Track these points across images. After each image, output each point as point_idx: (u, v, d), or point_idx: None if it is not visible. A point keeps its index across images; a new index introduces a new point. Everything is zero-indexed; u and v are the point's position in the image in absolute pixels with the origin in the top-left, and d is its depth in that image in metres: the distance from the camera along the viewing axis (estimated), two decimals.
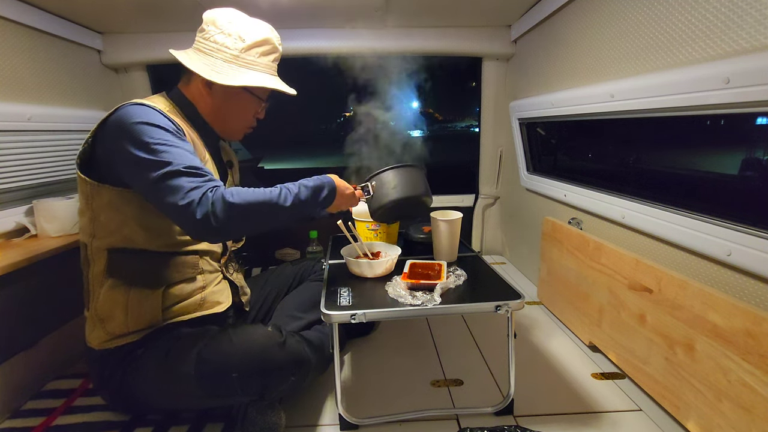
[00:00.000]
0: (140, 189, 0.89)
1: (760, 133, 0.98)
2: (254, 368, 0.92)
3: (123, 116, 0.87)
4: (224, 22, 1.01)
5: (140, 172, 0.84)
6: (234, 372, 0.91)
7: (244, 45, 1.01)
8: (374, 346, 1.49)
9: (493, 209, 2.46)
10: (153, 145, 0.84)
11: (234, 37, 1.01)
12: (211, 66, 0.99)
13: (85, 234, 0.97)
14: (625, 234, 1.31)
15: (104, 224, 0.95)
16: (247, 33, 1.02)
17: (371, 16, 1.85)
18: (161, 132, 0.87)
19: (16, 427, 1.10)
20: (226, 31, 1.01)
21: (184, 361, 0.93)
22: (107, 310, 0.96)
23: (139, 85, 2.05)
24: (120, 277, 0.96)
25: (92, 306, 0.98)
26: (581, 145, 1.87)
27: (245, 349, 0.93)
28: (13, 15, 1.42)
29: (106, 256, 0.95)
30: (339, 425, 1.08)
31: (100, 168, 0.94)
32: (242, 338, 0.96)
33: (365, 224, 1.43)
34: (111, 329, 0.97)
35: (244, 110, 1.11)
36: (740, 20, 0.85)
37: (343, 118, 2.56)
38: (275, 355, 0.94)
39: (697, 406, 0.97)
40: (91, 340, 1.00)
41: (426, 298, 1.00)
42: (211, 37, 1.01)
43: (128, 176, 0.89)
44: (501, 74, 2.18)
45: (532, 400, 1.17)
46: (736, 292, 0.94)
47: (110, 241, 0.95)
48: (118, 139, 0.86)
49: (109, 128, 0.90)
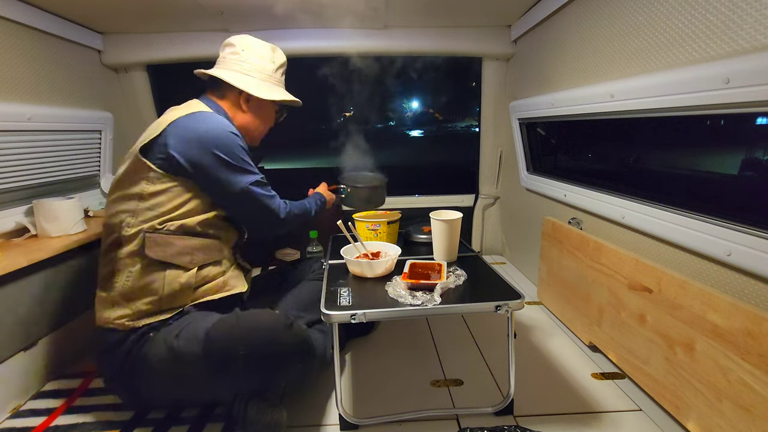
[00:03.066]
0: (223, 192, 1.08)
1: (760, 133, 0.98)
2: (260, 348, 0.96)
3: (208, 133, 1.05)
4: (257, 48, 1.21)
5: (229, 180, 1.07)
6: (240, 349, 0.94)
7: (275, 66, 1.24)
8: (374, 346, 1.49)
9: (493, 209, 2.46)
10: (241, 157, 1.09)
11: (267, 59, 1.22)
12: (255, 84, 1.19)
13: (122, 215, 1.04)
14: (625, 234, 1.31)
15: (152, 207, 1.03)
16: (275, 57, 1.24)
17: (371, 16, 1.85)
18: (241, 148, 1.10)
19: (16, 427, 1.10)
20: (260, 54, 1.21)
21: (193, 340, 0.98)
22: (138, 289, 1.02)
23: (139, 85, 2.05)
24: (157, 256, 1.02)
25: (117, 286, 1.03)
26: (581, 145, 1.87)
27: (252, 328, 0.98)
28: (13, 15, 1.42)
29: (143, 236, 1.02)
30: (339, 425, 1.08)
31: (168, 160, 1.04)
32: (250, 318, 1.02)
33: (365, 224, 1.43)
34: (139, 307, 1.02)
35: (270, 119, 1.31)
36: (740, 20, 0.85)
37: (343, 118, 2.56)
38: (281, 336, 0.98)
39: (697, 406, 0.97)
40: (109, 321, 1.03)
41: (426, 298, 1.00)
42: (247, 60, 1.19)
43: (212, 181, 1.06)
44: (501, 74, 2.17)
45: (532, 400, 1.17)
46: (736, 292, 0.94)
47: (153, 224, 1.03)
48: (206, 148, 1.04)
49: (191, 135, 1.04)
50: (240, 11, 1.72)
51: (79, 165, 1.77)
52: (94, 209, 1.74)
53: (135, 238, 1.02)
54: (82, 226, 1.51)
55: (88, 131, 1.79)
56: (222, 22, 1.84)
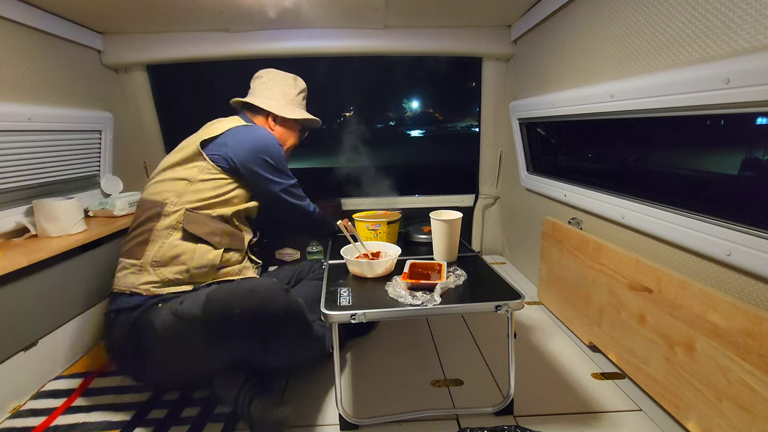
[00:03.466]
0: (266, 190, 1.30)
1: (760, 133, 0.98)
2: (256, 307, 1.02)
3: (260, 140, 1.28)
4: (280, 77, 1.46)
5: (272, 180, 1.30)
6: (237, 308, 1.01)
7: (296, 91, 1.47)
8: (374, 346, 1.49)
9: (493, 209, 2.46)
10: (282, 163, 1.32)
11: (289, 86, 1.46)
12: (279, 105, 1.41)
13: (167, 193, 1.19)
14: (625, 234, 1.31)
15: (197, 191, 1.20)
16: (296, 84, 1.48)
17: (371, 16, 1.85)
18: (282, 156, 1.32)
19: (16, 427, 1.10)
20: (283, 82, 1.45)
21: (195, 303, 1.05)
22: (169, 258, 1.14)
23: (139, 85, 2.05)
24: (190, 230, 1.16)
25: (149, 254, 1.14)
26: (581, 145, 1.87)
27: (250, 289, 1.06)
28: (13, 15, 1.42)
29: (184, 212, 1.17)
30: (339, 425, 1.08)
31: (222, 157, 1.23)
32: (248, 282, 1.14)
33: (365, 224, 1.43)
34: (166, 276, 1.13)
35: (294, 137, 1.50)
36: (740, 20, 0.85)
37: (343, 119, 2.56)
38: (277, 300, 1.05)
39: (697, 406, 0.97)
40: (134, 286, 1.12)
41: (426, 298, 1.00)
42: (273, 87, 1.43)
43: (258, 179, 1.27)
44: (501, 74, 2.17)
45: (532, 400, 1.17)
46: (736, 292, 0.94)
47: (195, 205, 1.19)
48: (257, 152, 1.26)
49: (246, 141, 1.26)
50: (240, 11, 1.72)
51: (79, 165, 1.77)
52: (94, 209, 1.74)
53: (175, 213, 1.17)
54: (82, 226, 1.51)
55: (88, 131, 1.79)
56: (222, 22, 1.84)
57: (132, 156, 2.17)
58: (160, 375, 1.14)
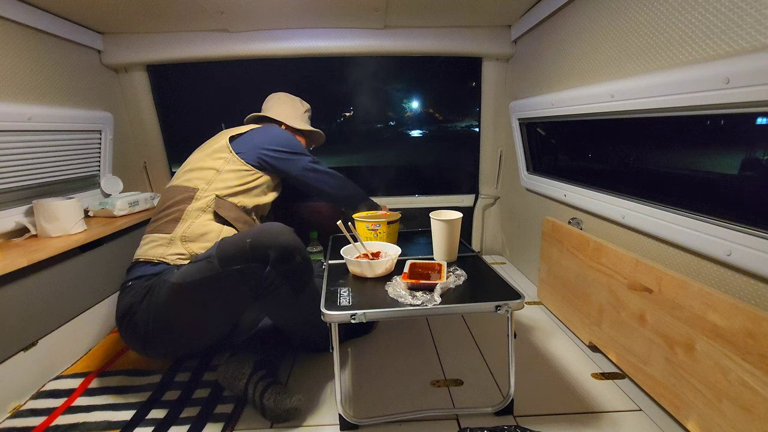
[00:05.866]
0: (295, 168, 1.51)
1: (760, 133, 0.98)
2: (265, 238, 1.13)
3: (279, 135, 1.52)
4: (289, 98, 1.75)
5: (295, 161, 1.51)
6: (248, 237, 1.13)
7: (303, 109, 1.76)
8: (374, 346, 1.49)
9: (493, 209, 2.46)
10: (299, 147, 1.53)
11: (297, 105, 1.75)
12: (292, 118, 1.70)
13: (197, 180, 1.36)
14: (625, 234, 1.31)
15: (224, 180, 1.37)
16: (302, 104, 1.77)
17: (371, 16, 1.85)
18: (297, 142, 1.55)
19: (16, 427, 1.10)
20: (291, 101, 1.74)
21: (209, 250, 1.17)
22: (197, 235, 1.27)
23: (139, 85, 2.05)
24: (221, 213, 1.32)
25: (179, 230, 1.27)
26: (581, 145, 1.86)
27: (260, 227, 1.19)
28: (13, 15, 1.42)
29: (214, 197, 1.34)
30: (339, 425, 1.08)
31: (247, 151, 1.43)
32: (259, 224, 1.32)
33: (365, 224, 1.43)
34: (193, 250, 1.25)
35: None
36: (740, 20, 0.85)
37: (343, 118, 2.56)
38: (286, 234, 1.16)
39: (697, 406, 0.97)
40: (163, 256, 1.23)
41: (426, 298, 1.00)
42: (284, 105, 1.72)
43: (284, 164, 1.49)
44: (501, 74, 2.17)
45: (532, 400, 1.17)
46: (736, 292, 0.94)
47: (223, 192, 1.36)
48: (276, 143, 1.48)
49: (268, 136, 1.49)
50: (240, 11, 1.72)
51: (79, 165, 1.77)
52: (94, 209, 1.74)
53: (206, 198, 1.33)
54: (82, 226, 1.52)
55: (88, 131, 1.79)
56: (222, 22, 1.84)
57: (132, 156, 2.17)
58: (169, 336, 1.17)
